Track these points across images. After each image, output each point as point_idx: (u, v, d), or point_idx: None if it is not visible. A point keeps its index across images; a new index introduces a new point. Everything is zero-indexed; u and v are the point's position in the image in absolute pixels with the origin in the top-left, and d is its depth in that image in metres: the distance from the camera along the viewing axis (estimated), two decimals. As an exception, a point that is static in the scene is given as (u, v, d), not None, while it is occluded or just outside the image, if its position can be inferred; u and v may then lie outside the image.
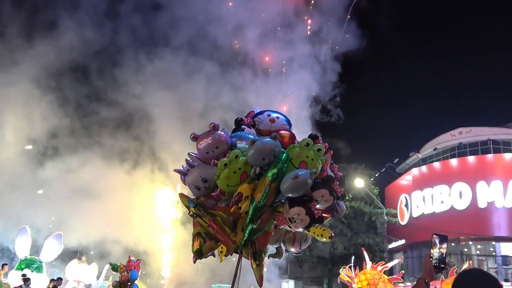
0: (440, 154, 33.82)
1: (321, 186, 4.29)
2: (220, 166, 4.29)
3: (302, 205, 4.12)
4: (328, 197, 4.30)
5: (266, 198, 4.10)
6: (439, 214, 29.69)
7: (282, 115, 5.06)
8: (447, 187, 29.93)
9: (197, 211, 4.52)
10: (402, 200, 33.37)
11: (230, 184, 4.31)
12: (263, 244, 4.56)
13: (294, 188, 4.07)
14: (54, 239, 14.33)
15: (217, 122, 4.53)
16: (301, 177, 4.01)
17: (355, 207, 31.22)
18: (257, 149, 4.22)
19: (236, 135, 4.72)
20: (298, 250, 5.03)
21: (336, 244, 30.47)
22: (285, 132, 4.71)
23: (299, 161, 4.22)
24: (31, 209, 19.35)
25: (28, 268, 13.11)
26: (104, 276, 16.30)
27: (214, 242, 4.58)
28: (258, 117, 4.98)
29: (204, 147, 4.54)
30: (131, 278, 10.98)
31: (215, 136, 4.51)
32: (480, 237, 28.92)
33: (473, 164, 30.13)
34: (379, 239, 31.02)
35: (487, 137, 31.34)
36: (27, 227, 13.99)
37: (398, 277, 12.86)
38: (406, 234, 31.35)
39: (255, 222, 4.20)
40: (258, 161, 4.24)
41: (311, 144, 4.31)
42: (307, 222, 4.12)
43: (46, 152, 21.72)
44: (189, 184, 4.57)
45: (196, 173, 4.53)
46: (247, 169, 4.30)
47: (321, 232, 4.69)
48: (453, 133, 33.16)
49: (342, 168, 33.38)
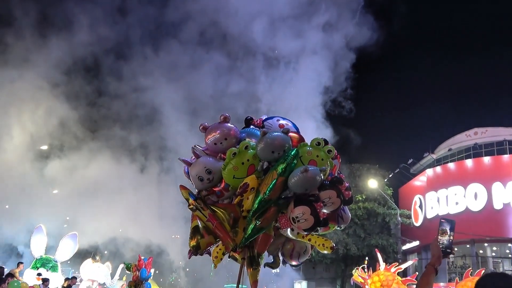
0: (455, 154, 33.50)
1: (328, 187, 4.16)
2: (229, 155, 4.20)
3: (307, 204, 4.02)
4: (335, 199, 4.17)
5: (272, 192, 4.01)
6: (454, 216, 29.36)
7: (291, 122, 4.98)
8: (462, 188, 29.64)
9: (197, 204, 4.41)
10: (416, 201, 33.13)
11: (237, 175, 4.21)
12: (263, 247, 4.45)
13: (302, 183, 3.97)
14: (69, 239, 14.47)
15: (228, 114, 4.50)
16: (310, 172, 3.91)
17: (369, 208, 31.08)
18: (267, 142, 4.16)
19: (245, 131, 4.68)
20: (297, 262, 4.88)
21: (350, 245, 30.36)
22: (294, 134, 4.62)
23: (308, 159, 4.15)
24: (42, 209, 19.47)
25: (44, 267, 13.26)
26: (118, 275, 16.43)
27: (213, 237, 4.47)
28: (267, 121, 4.91)
29: (213, 138, 4.48)
30: (141, 277, 11.01)
31: (224, 128, 4.47)
32: (496, 239, 28.57)
33: (488, 164, 29.79)
34: (393, 240, 30.81)
35: (503, 137, 30.98)
36: (43, 226, 14.14)
37: (412, 278, 12.74)
38: (420, 236, 31.10)
39: (259, 218, 4.10)
40: (267, 154, 4.17)
41: (322, 144, 4.24)
42: (311, 222, 4.00)
43: (57, 151, 21.75)
44: (193, 175, 4.48)
45: (201, 164, 4.44)
46: (255, 162, 4.22)
47: (323, 242, 4.37)
48: (468, 134, 32.84)
49: (356, 169, 33.36)
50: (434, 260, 2.71)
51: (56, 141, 21.59)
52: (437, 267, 2.68)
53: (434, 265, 2.68)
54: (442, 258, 2.76)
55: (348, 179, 32.30)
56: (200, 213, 4.43)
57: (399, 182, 36.17)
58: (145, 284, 11.18)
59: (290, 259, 4.82)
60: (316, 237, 4.36)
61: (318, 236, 4.39)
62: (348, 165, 33.81)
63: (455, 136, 33.87)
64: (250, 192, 4.14)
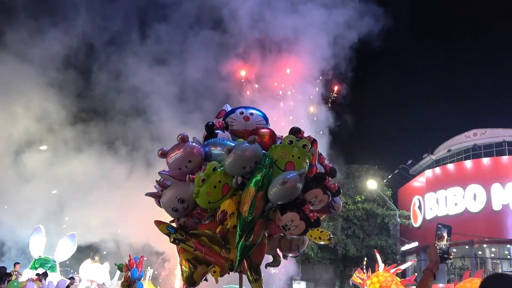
0: (454, 155, 33.52)
1: (313, 186, 3.89)
2: (198, 182, 3.79)
3: (295, 209, 3.76)
4: (322, 196, 3.92)
5: (254, 211, 3.69)
6: (453, 217, 29.39)
7: (257, 110, 4.68)
8: (461, 189, 29.65)
9: (179, 237, 4.12)
10: (415, 202, 33.14)
11: (212, 200, 3.84)
12: (259, 257, 4.22)
13: (284, 195, 3.70)
14: (68, 239, 14.48)
15: (185, 134, 4.02)
16: (290, 181, 3.62)
17: (368, 209, 31.07)
18: (235, 158, 3.77)
19: (209, 142, 4.24)
20: (296, 254, 4.76)
21: (348, 246, 30.34)
22: (264, 130, 4.30)
23: (284, 162, 3.85)
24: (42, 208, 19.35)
25: (42, 268, 13.27)
26: (118, 276, 16.42)
27: (205, 266, 4.20)
28: (230, 117, 4.58)
29: (175, 163, 4.00)
30: (132, 277, 10.83)
31: (185, 148, 3.99)
32: (495, 240, 28.60)
33: (487, 166, 29.81)
34: (392, 241, 30.79)
35: (502, 138, 31.00)
36: (42, 227, 14.15)
37: (411, 279, 12.75)
38: (419, 237, 31.10)
39: (247, 239, 3.78)
40: (238, 170, 3.81)
41: (294, 141, 3.92)
42: (303, 227, 3.78)
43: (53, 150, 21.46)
44: (165, 206, 4.11)
45: (170, 194, 4.05)
46: (228, 180, 3.84)
47: (319, 235, 4.29)
48: (467, 135, 32.86)
49: (355, 170, 33.37)
50: (432, 265, 2.74)
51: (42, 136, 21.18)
52: (435, 271, 2.70)
53: (432, 269, 2.71)
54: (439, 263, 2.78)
55: (347, 180, 32.47)
56: (185, 245, 4.16)
57: (398, 183, 36.20)
58: (137, 284, 11.01)
59: (290, 253, 4.71)
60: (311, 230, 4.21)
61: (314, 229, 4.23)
62: (348, 166, 33.83)
63: (454, 137, 33.88)
64: (230, 218, 3.81)
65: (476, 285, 8.91)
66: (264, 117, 4.62)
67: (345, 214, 31.11)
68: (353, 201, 31.56)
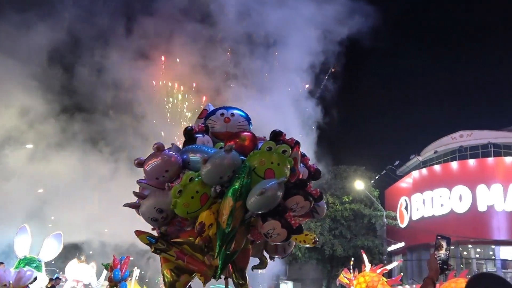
0: (440, 157, 33.83)
1: (294, 193, 3.80)
2: (174, 194, 3.69)
3: (276, 217, 3.68)
4: (303, 203, 3.83)
5: (233, 221, 3.56)
6: (439, 217, 29.68)
7: (239, 110, 4.55)
8: (447, 190, 29.93)
9: (160, 246, 4.05)
10: (402, 202, 33.37)
11: (190, 210, 3.74)
12: (244, 262, 4.17)
13: (263, 205, 3.60)
14: (54, 239, 14.32)
15: (161, 143, 3.90)
16: (268, 191, 3.52)
17: (355, 209, 31.23)
18: (212, 168, 3.66)
19: (187, 149, 4.10)
20: (283, 256, 4.72)
21: (336, 246, 30.47)
22: (245, 134, 4.16)
23: (263, 169, 3.72)
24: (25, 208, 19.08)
25: (27, 267, 13.10)
26: (105, 276, 16.28)
27: (188, 275, 4.14)
28: (210, 118, 4.46)
29: (152, 172, 3.90)
30: (114, 278, 10.70)
31: (162, 157, 3.87)
32: (480, 241, 28.90)
33: (473, 167, 30.14)
34: (379, 241, 30.99)
35: (487, 140, 31.35)
36: (27, 226, 13.98)
37: (397, 279, 12.85)
38: (405, 237, 31.35)
39: (228, 248, 3.67)
40: (215, 181, 3.70)
41: (273, 147, 3.81)
42: (285, 235, 3.71)
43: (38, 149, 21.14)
44: (144, 217, 4.02)
45: (149, 204, 3.96)
46: (206, 190, 3.73)
47: (304, 238, 4.23)
48: (454, 136, 33.18)
49: (343, 170, 33.52)
50: (432, 273, 2.82)
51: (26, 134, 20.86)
52: (435, 280, 2.78)
53: (432, 278, 2.79)
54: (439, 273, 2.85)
55: (335, 180, 32.57)
56: (166, 254, 4.08)
57: (385, 183, 36.45)
58: (121, 284, 10.88)
59: (277, 254, 4.66)
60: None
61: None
62: (335, 167, 33.98)
63: (441, 139, 34.19)
64: (209, 229, 3.70)
65: (461, 285, 9.01)
66: (246, 118, 4.51)
67: (333, 215, 31.23)
68: (340, 201, 31.70)
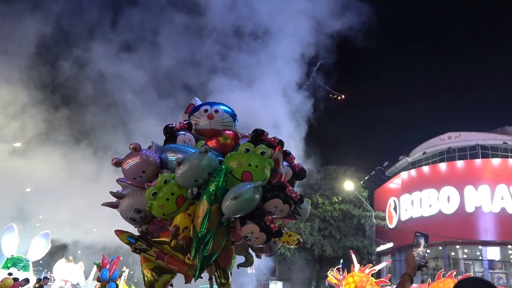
0: (429, 158, 34.07)
1: (272, 196, 3.69)
2: (148, 196, 3.63)
3: (255, 220, 3.59)
4: (282, 206, 3.71)
5: (208, 224, 3.47)
6: (427, 218, 29.88)
7: (224, 105, 4.42)
8: (436, 191, 30.15)
9: (140, 246, 4.00)
10: (391, 203, 33.54)
11: (166, 212, 3.67)
12: (226, 262, 4.16)
13: (237, 209, 3.51)
14: (42, 238, 14.20)
15: (137, 143, 3.83)
16: (242, 196, 3.42)
17: (344, 210, 31.32)
18: (185, 171, 3.56)
19: (166, 148, 4.02)
20: (269, 254, 4.65)
21: (325, 246, 30.55)
22: (227, 133, 4.08)
23: (241, 172, 3.62)
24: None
25: (15, 267, 12.96)
26: (93, 276, 16.18)
27: (168, 275, 4.11)
28: (194, 115, 4.34)
29: (129, 172, 3.84)
30: (101, 278, 10.62)
31: (139, 158, 3.80)
32: (467, 241, 29.16)
33: (461, 168, 30.38)
34: (368, 242, 31.14)
35: (475, 142, 31.63)
36: (14, 225, 13.85)
37: (385, 280, 12.92)
38: (394, 237, 31.52)
39: (205, 250, 3.60)
40: (190, 183, 3.61)
41: (252, 149, 3.70)
42: (264, 239, 3.63)
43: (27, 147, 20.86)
44: (123, 216, 3.97)
45: (127, 204, 3.91)
46: (182, 192, 3.64)
47: (287, 239, 4.15)
48: (442, 138, 33.42)
49: (332, 171, 33.61)
50: (409, 270, 2.91)
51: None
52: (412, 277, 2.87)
53: (409, 274, 2.89)
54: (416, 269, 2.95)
55: (325, 180, 32.64)
56: (147, 254, 4.03)
57: (374, 184, 36.59)
58: (110, 284, 10.82)
59: (262, 253, 4.60)
60: None
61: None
62: (325, 167, 34.08)
63: (430, 140, 34.43)
64: (183, 233, 3.62)
65: (449, 285, 9.10)
66: (231, 114, 4.39)
67: (322, 215, 31.32)
68: (330, 202, 31.79)
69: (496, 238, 28.26)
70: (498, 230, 28.18)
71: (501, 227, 28.01)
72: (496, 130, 33.51)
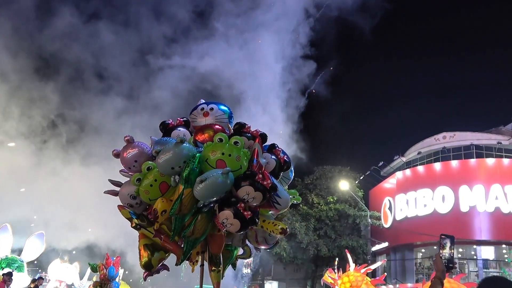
0: (424, 158, 34.15)
1: (243, 184, 3.86)
2: (133, 181, 4.06)
3: (229, 207, 3.81)
4: (254, 193, 3.85)
5: (182, 206, 3.76)
6: (422, 218, 29.96)
7: (219, 104, 4.69)
8: (431, 190, 30.22)
9: (141, 222, 4.27)
10: (386, 203, 33.59)
11: (152, 197, 4.04)
12: (217, 248, 4.32)
13: (205, 193, 3.73)
14: (36, 239, 14.16)
15: (130, 136, 4.27)
16: (208, 180, 3.67)
17: (340, 209, 31.37)
18: (162, 159, 3.90)
19: (158, 141, 4.38)
20: (267, 246, 4.75)
21: (320, 246, 30.59)
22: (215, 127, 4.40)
23: (215, 160, 3.89)
24: None
25: (9, 268, 12.94)
26: (88, 276, 16.15)
27: (163, 253, 4.37)
28: (192, 113, 4.69)
29: (124, 162, 4.30)
30: (109, 275, 10.78)
31: (132, 149, 4.25)
32: (462, 241, 29.23)
33: (456, 168, 30.48)
34: (363, 241, 31.20)
35: (470, 142, 31.74)
36: (8, 225, 13.80)
37: (380, 279, 12.95)
38: (389, 237, 31.58)
39: (185, 232, 3.89)
40: (167, 170, 3.94)
41: (225, 139, 3.97)
42: (238, 225, 3.82)
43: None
44: (122, 203, 4.34)
45: (123, 191, 4.28)
46: (165, 179, 4.00)
47: (272, 228, 4.28)
48: (437, 138, 33.52)
49: (328, 171, 33.65)
50: (439, 274, 2.85)
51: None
52: (442, 280, 2.81)
53: (439, 278, 2.83)
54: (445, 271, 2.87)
55: (320, 180, 32.68)
56: (145, 231, 4.31)
57: (369, 184, 36.66)
58: (113, 283, 10.94)
59: (258, 245, 4.72)
60: (266, 223, 4.29)
61: (268, 221, 4.31)
62: (320, 167, 34.13)
63: (424, 140, 34.52)
64: (162, 216, 3.95)
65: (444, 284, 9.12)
66: (225, 111, 4.65)
67: (317, 215, 31.38)
68: (325, 201, 31.85)
69: (491, 237, 28.39)
70: (492, 229, 28.29)
71: (496, 227, 28.13)
72: (491, 130, 33.65)
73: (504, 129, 33.62)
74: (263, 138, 4.29)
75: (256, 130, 4.26)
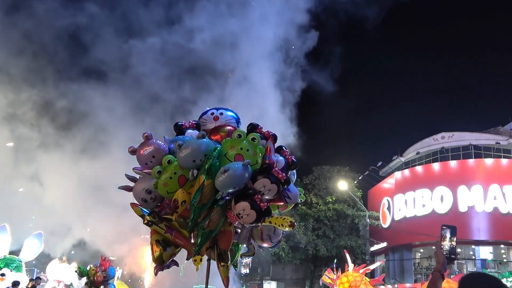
0: (422, 158, 34.21)
1: (260, 177, 4.14)
2: (154, 173, 4.23)
3: (246, 199, 4.04)
4: (270, 185, 4.14)
5: (202, 197, 4.00)
6: (421, 218, 30.00)
7: (228, 110, 4.97)
8: (429, 191, 30.27)
9: (152, 219, 4.43)
10: (385, 203, 33.64)
11: (170, 190, 4.22)
12: (226, 244, 4.51)
13: (226, 183, 3.96)
14: (35, 238, 14.11)
15: (149, 133, 4.46)
16: (231, 170, 3.91)
17: (338, 209, 31.41)
18: (184, 153, 4.12)
19: (174, 139, 4.59)
20: (270, 244, 4.91)
21: (319, 246, 30.61)
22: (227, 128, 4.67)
23: (233, 154, 4.15)
24: None
25: (7, 268, 12.88)
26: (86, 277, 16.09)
27: (174, 248, 4.55)
28: (203, 118, 4.93)
29: (141, 158, 4.45)
30: (110, 275, 10.77)
31: (149, 145, 4.43)
32: (460, 241, 29.25)
33: (454, 168, 30.52)
34: (361, 241, 31.23)
35: (468, 142, 31.79)
36: (7, 225, 13.75)
37: (379, 279, 12.97)
38: (388, 237, 31.62)
39: (201, 223, 4.11)
40: (189, 164, 4.15)
41: (243, 135, 4.24)
42: (254, 216, 4.04)
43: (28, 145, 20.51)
44: (136, 198, 4.51)
45: (139, 186, 4.46)
46: (184, 172, 4.21)
47: (281, 222, 4.47)
48: (435, 138, 33.57)
49: (326, 171, 33.70)
50: (439, 266, 2.74)
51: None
52: (443, 272, 2.71)
53: (440, 271, 2.72)
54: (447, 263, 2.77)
55: (319, 180, 32.71)
56: (157, 227, 4.48)
57: (368, 184, 36.69)
58: (110, 285, 10.91)
59: (262, 242, 4.88)
60: (274, 218, 4.48)
61: (276, 217, 4.50)
62: (319, 167, 34.15)
63: (423, 140, 34.58)
64: (182, 207, 4.14)
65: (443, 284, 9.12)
66: (234, 117, 4.91)
67: (316, 215, 31.40)
68: (324, 201, 31.87)
69: (489, 237, 28.45)
70: (490, 229, 28.36)
71: (494, 227, 28.20)
72: (489, 130, 33.71)
73: (503, 130, 33.69)
74: (274, 138, 4.61)
75: (268, 131, 4.52)
